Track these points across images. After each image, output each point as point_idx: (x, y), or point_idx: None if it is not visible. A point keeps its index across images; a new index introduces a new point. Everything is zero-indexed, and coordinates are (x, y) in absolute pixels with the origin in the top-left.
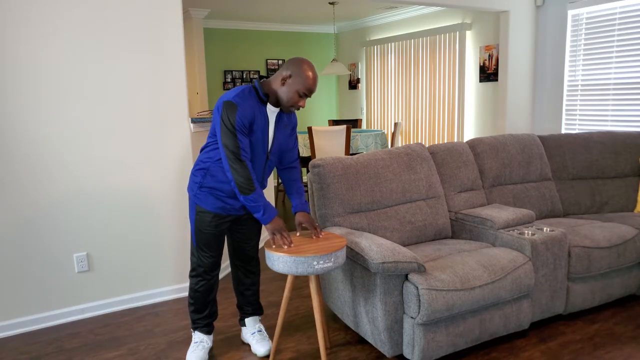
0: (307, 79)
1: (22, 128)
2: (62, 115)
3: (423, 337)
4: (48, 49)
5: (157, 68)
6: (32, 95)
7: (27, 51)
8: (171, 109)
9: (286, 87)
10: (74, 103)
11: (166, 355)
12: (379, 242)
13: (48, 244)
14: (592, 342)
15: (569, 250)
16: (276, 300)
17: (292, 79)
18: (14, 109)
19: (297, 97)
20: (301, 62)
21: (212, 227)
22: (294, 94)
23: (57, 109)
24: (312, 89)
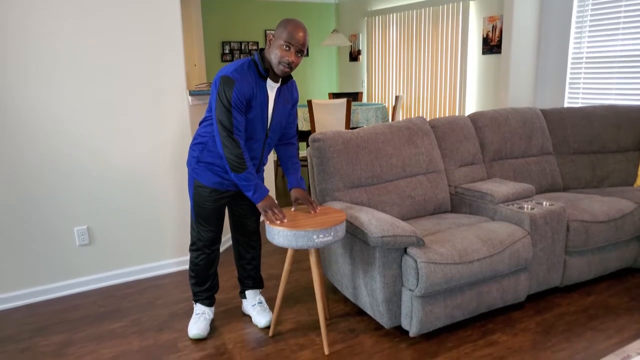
0: (285, 28)
1: (20, 102)
2: (58, 90)
3: (421, 309)
4: (43, 20)
5: (154, 40)
6: (28, 69)
7: (21, 23)
8: (169, 82)
9: (271, 47)
10: (70, 78)
11: (168, 327)
12: (378, 217)
13: (49, 218)
14: (587, 313)
15: (568, 225)
16: (276, 272)
17: (274, 36)
18: (11, 85)
19: (282, 50)
20: (283, 19)
21: (210, 202)
22: (278, 48)
23: (53, 84)
24: (294, 36)
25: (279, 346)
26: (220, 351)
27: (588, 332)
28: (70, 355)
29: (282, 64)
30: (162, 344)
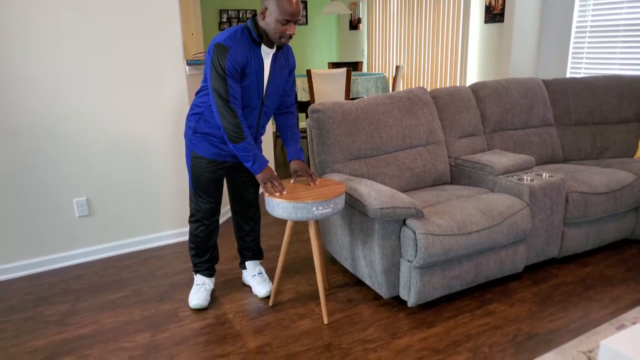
0: (281, 5)
1: (19, 74)
2: (56, 61)
3: (419, 279)
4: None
5: (150, 8)
6: (27, 40)
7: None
8: (166, 51)
9: (267, 19)
10: (67, 48)
11: (169, 297)
12: (377, 189)
13: (48, 190)
14: (583, 284)
15: (567, 196)
16: (276, 244)
17: (268, 11)
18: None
19: (281, 25)
20: None
21: (208, 173)
22: (276, 24)
23: (50, 55)
24: (291, 13)
25: (279, 316)
26: (220, 321)
27: (584, 301)
28: (74, 324)
29: (284, 37)
30: (163, 313)
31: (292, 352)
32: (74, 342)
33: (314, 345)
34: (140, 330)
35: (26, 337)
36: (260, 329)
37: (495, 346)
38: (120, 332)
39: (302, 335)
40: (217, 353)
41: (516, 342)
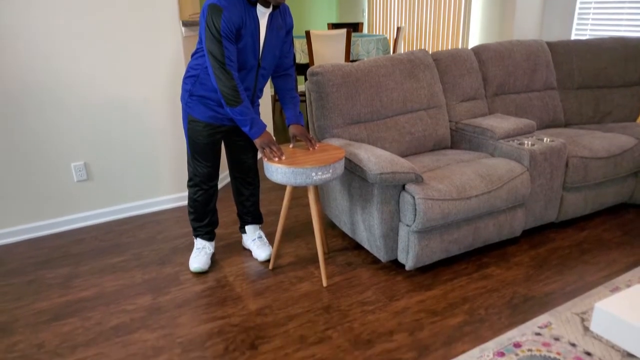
0: None
1: (12, 34)
2: (50, 21)
3: (417, 243)
4: None
5: None
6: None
7: None
8: (161, 11)
9: None
10: (60, 9)
11: (170, 260)
12: (377, 154)
13: (45, 154)
14: (580, 248)
15: (567, 161)
16: (276, 208)
17: None
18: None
19: None
20: None
21: (205, 137)
22: None
23: (45, 14)
24: None
25: (279, 278)
26: (221, 284)
27: (580, 265)
28: (76, 288)
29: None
30: (164, 277)
31: (291, 314)
32: (77, 304)
33: (313, 307)
34: (141, 293)
35: (29, 299)
36: (261, 292)
37: (492, 308)
38: (121, 295)
39: (302, 298)
40: (218, 315)
41: (512, 305)
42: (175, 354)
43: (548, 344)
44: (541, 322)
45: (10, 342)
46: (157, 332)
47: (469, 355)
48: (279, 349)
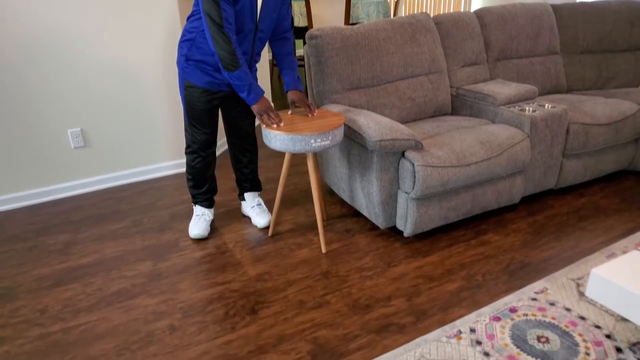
0: None
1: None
2: None
3: (416, 210)
4: None
5: None
6: None
7: None
8: None
9: None
10: None
11: (169, 227)
12: (377, 120)
13: (41, 121)
14: (578, 214)
15: (568, 127)
16: (274, 176)
17: None
18: None
19: None
20: None
21: (202, 103)
22: None
23: None
24: None
25: (278, 245)
26: (221, 250)
27: (577, 231)
28: (76, 254)
29: None
30: (164, 243)
31: (291, 279)
32: (78, 270)
33: (312, 273)
34: (141, 259)
35: (30, 265)
36: (260, 258)
37: (489, 274)
38: (122, 261)
39: (301, 264)
40: (218, 281)
41: (509, 271)
42: (176, 318)
43: (543, 309)
44: (537, 287)
45: (13, 307)
46: (157, 297)
47: (466, 320)
48: (279, 313)
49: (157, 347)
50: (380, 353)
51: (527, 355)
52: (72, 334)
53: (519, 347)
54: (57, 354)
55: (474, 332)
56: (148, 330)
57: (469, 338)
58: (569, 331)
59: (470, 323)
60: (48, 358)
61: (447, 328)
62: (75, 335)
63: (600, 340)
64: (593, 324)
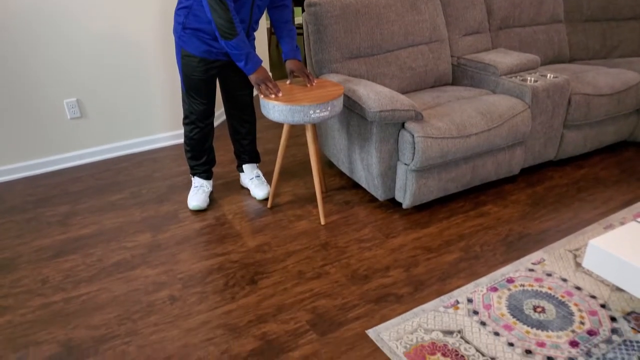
0: None
1: None
2: None
3: (415, 182)
4: None
5: None
6: None
7: None
8: None
9: None
10: None
11: (168, 198)
12: (377, 90)
13: (37, 91)
14: (577, 185)
15: (570, 98)
16: (273, 147)
17: None
18: None
19: None
20: None
21: (199, 73)
22: None
23: None
24: None
25: (277, 217)
26: (220, 221)
27: (576, 203)
28: (75, 225)
29: None
30: (163, 215)
31: (290, 251)
32: (77, 241)
33: (311, 244)
34: (140, 230)
35: (30, 236)
36: (259, 229)
37: (487, 245)
38: (121, 233)
39: (300, 235)
40: (218, 252)
41: (507, 242)
42: (176, 289)
43: (540, 280)
44: (535, 258)
45: (15, 278)
46: (157, 268)
47: (463, 290)
48: (278, 283)
49: (157, 316)
50: (379, 322)
51: (522, 324)
52: (74, 303)
53: (515, 317)
54: (60, 323)
55: (471, 302)
56: (149, 301)
57: (466, 308)
58: (564, 301)
59: (467, 293)
60: (50, 327)
61: (445, 298)
62: (76, 305)
63: (595, 310)
64: (588, 294)
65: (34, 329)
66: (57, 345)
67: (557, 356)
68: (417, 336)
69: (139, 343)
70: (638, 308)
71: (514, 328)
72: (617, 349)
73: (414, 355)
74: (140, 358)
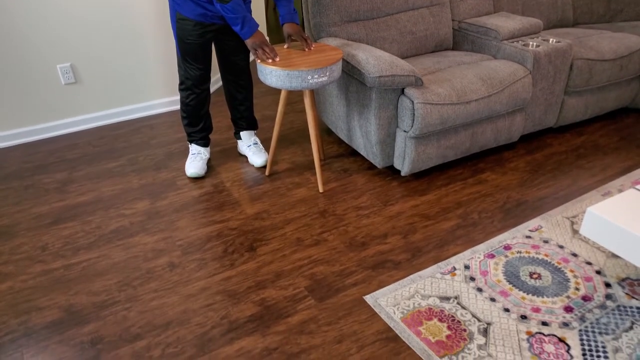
0: None
1: None
2: None
3: (414, 149)
4: None
5: None
6: None
7: None
8: None
9: None
10: None
11: (165, 166)
12: (376, 55)
13: (30, 55)
14: (576, 153)
15: (572, 63)
16: (271, 114)
17: None
18: None
19: None
20: None
21: (195, 37)
22: None
23: None
24: None
25: (276, 184)
26: (218, 189)
27: (574, 170)
28: (73, 192)
29: None
30: (161, 182)
31: (288, 218)
32: (76, 208)
33: (309, 212)
34: (139, 197)
35: (28, 203)
36: (258, 197)
37: (484, 212)
38: (119, 200)
39: (298, 203)
40: (217, 219)
41: (505, 209)
42: (175, 255)
43: (537, 247)
44: (532, 225)
45: (14, 245)
46: (156, 235)
47: (460, 256)
48: (277, 250)
49: (157, 283)
50: (376, 288)
51: (518, 290)
52: (74, 270)
53: (511, 283)
54: (60, 289)
55: (468, 268)
56: (148, 267)
57: (463, 274)
58: (560, 267)
59: (464, 260)
60: (52, 293)
61: (442, 265)
62: (76, 271)
63: (591, 276)
64: (584, 261)
65: (35, 295)
66: (58, 311)
67: (552, 321)
68: (414, 302)
69: (139, 309)
70: (633, 274)
71: (509, 294)
72: (610, 314)
73: (411, 320)
74: (141, 323)
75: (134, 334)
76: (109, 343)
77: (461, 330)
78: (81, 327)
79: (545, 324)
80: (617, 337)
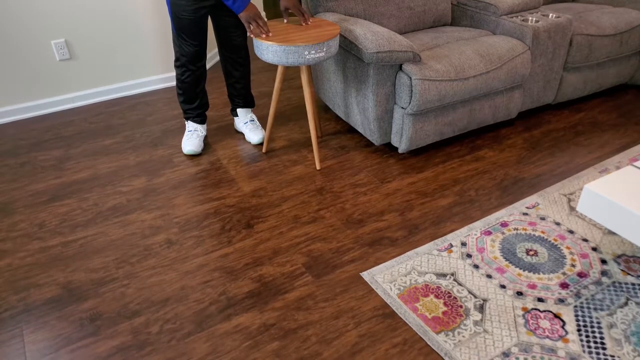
0: None
1: None
2: None
3: (411, 126)
4: None
5: None
6: None
7: None
8: None
9: None
10: None
11: (162, 143)
12: (374, 30)
13: (24, 31)
14: (574, 130)
15: (571, 39)
16: (267, 90)
17: None
18: None
19: None
20: None
21: (189, 13)
22: None
23: None
24: None
25: (273, 162)
26: (215, 166)
27: (572, 147)
28: (70, 170)
29: None
30: (157, 159)
31: (285, 195)
32: (72, 186)
33: (307, 189)
34: (136, 175)
35: (25, 181)
36: (255, 174)
37: (482, 190)
38: (116, 177)
39: (295, 180)
40: (214, 196)
41: (502, 186)
42: (172, 232)
43: (534, 224)
44: (529, 202)
45: (12, 222)
46: (153, 212)
47: (457, 233)
48: (274, 227)
49: (155, 260)
50: (373, 265)
51: (515, 267)
52: (72, 247)
53: (507, 260)
54: (59, 266)
55: (464, 245)
56: (145, 245)
57: (460, 251)
58: (557, 244)
59: (461, 237)
60: (50, 270)
61: (439, 242)
62: (74, 248)
63: (587, 253)
64: (581, 238)
65: (33, 272)
66: (57, 288)
67: (547, 297)
68: (410, 278)
69: (137, 285)
70: (629, 251)
71: (506, 271)
72: (605, 290)
73: (408, 297)
74: (139, 300)
75: (133, 311)
76: (108, 319)
77: (457, 306)
78: (80, 303)
79: (541, 300)
80: (612, 313)
